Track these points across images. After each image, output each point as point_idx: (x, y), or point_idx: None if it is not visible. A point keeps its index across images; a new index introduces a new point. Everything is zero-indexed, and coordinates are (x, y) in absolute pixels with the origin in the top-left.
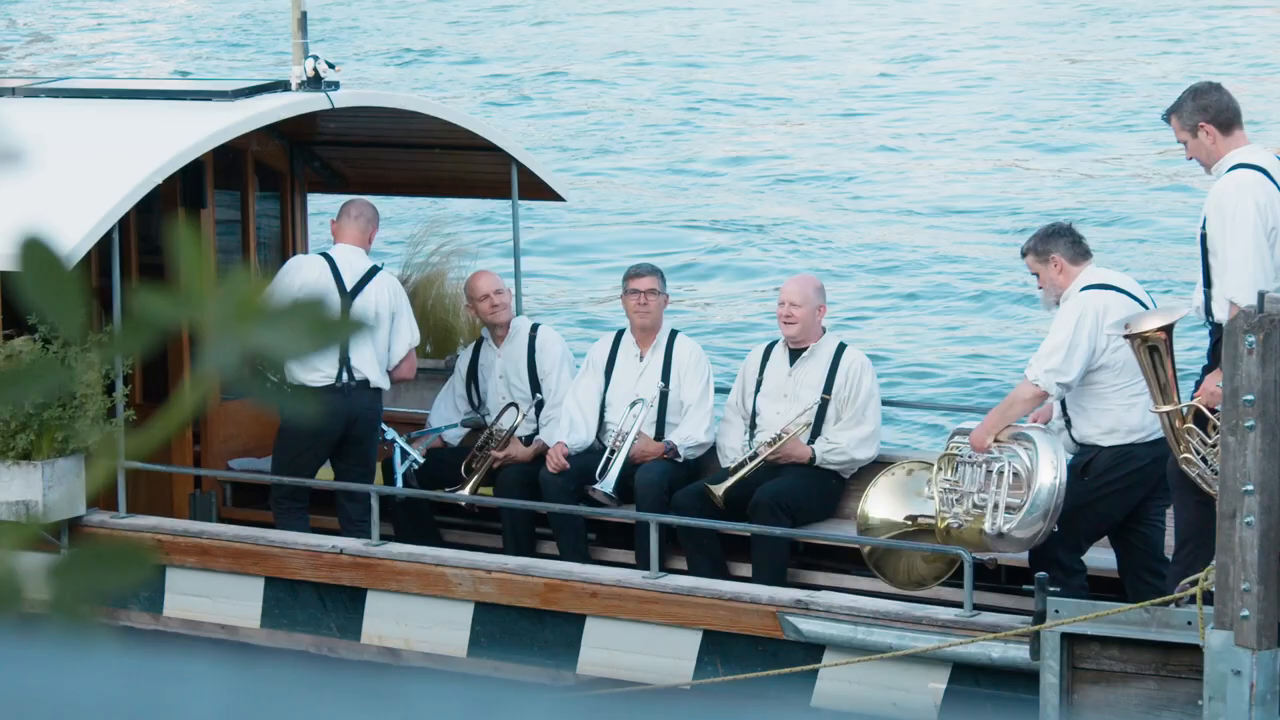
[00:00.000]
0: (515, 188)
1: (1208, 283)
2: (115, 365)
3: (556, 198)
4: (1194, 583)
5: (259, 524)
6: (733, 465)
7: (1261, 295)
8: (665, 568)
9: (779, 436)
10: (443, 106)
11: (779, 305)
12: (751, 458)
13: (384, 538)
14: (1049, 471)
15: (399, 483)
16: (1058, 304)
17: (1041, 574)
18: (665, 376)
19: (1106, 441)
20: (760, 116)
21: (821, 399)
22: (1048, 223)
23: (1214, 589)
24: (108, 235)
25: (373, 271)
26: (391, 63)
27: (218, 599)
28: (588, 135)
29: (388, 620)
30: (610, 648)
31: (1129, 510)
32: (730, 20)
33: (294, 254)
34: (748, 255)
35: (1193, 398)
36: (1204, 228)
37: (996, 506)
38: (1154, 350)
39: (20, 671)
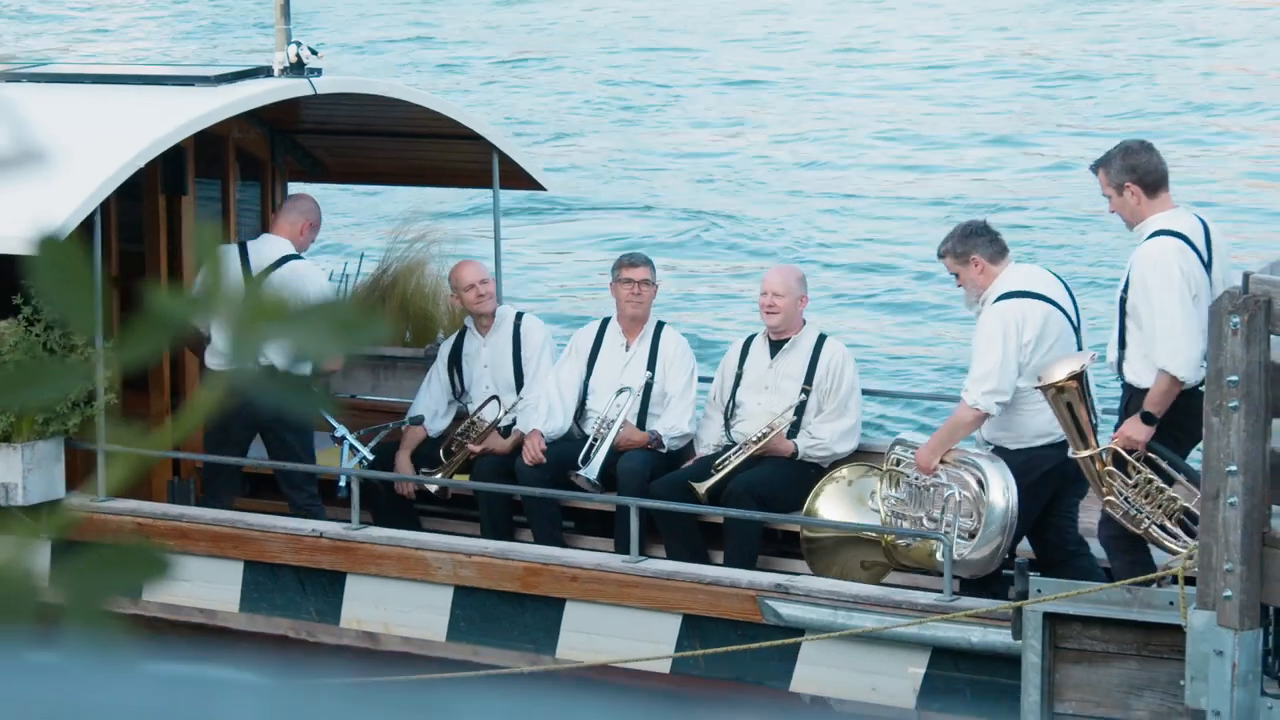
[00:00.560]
0: (496, 176)
1: (1122, 343)
2: (98, 348)
3: (538, 186)
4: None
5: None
6: (710, 453)
7: (1246, 276)
8: (646, 554)
9: (765, 433)
10: (425, 94)
11: (761, 295)
12: (729, 446)
13: (364, 522)
14: (1000, 494)
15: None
16: (980, 303)
17: (1021, 560)
18: (650, 367)
19: (1013, 445)
20: (718, 101)
21: (803, 391)
22: (963, 222)
23: (1196, 569)
24: (88, 221)
25: (282, 260)
26: (347, 52)
27: (197, 583)
28: (542, 121)
29: (367, 604)
30: (590, 632)
31: (1041, 508)
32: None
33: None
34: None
35: (1112, 440)
36: (1125, 290)
37: (950, 528)
38: (1067, 399)
39: (49, 682)
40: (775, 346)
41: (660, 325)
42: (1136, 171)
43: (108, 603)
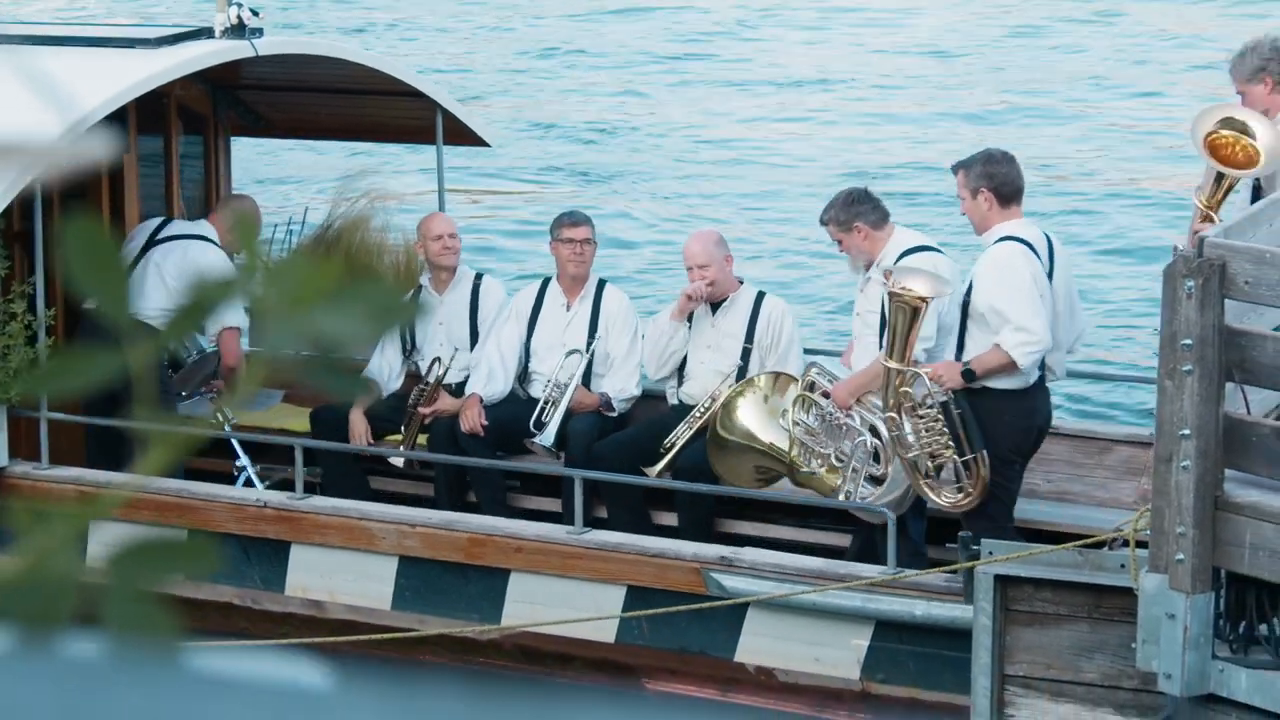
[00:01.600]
0: (440, 133)
1: (961, 347)
2: (39, 315)
3: (481, 143)
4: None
5: None
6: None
7: (1201, 240)
8: (590, 516)
9: (708, 406)
10: (367, 53)
11: (688, 270)
12: (676, 407)
13: (308, 488)
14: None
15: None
16: (867, 269)
17: (965, 533)
18: (593, 327)
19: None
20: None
21: (744, 351)
22: (844, 190)
23: (1148, 533)
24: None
25: (185, 237)
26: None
27: (145, 531)
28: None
29: (312, 573)
30: (535, 602)
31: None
32: None
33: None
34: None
35: (923, 367)
36: (967, 295)
37: (856, 471)
38: (910, 311)
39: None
40: (715, 306)
41: (602, 284)
42: (994, 180)
43: (152, 598)
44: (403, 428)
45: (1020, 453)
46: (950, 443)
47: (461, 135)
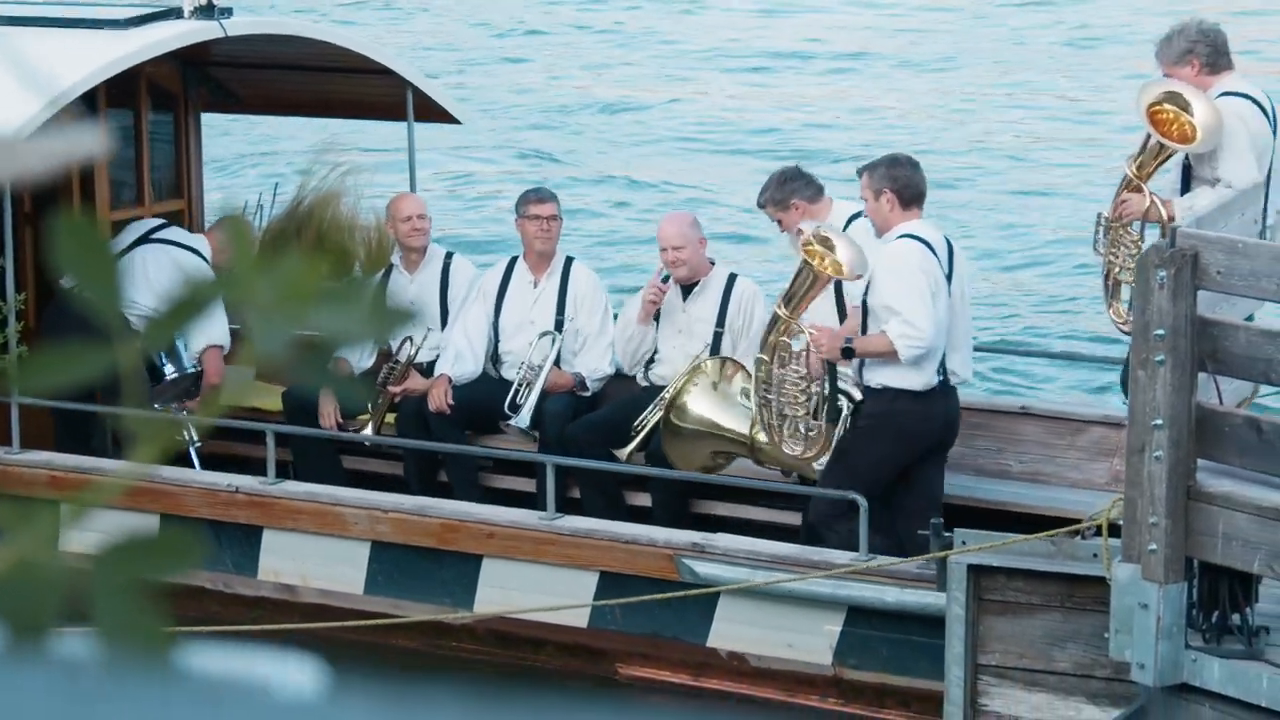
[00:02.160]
0: (410, 110)
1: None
2: (9, 300)
3: (452, 120)
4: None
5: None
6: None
7: (1174, 230)
8: (563, 496)
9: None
10: (337, 32)
11: (661, 252)
12: (646, 388)
13: (281, 467)
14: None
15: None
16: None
17: (937, 520)
18: (561, 304)
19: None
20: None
21: (715, 333)
22: (776, 171)
23: (1121, 522)
24: None
25: (171, 243)
26: None
27: (128, 527)
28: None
29: (284, 558)
30: (507, 588)
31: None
32: None
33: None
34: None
35: (808, 326)
36: (866, 293)
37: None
38: (814, 277)
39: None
40: (686, 290)
41: (569, 261)
42: (897, 183)
43: (142, 600)
44: (370, 405)
45: (910, 454)
46: (806, 404)
47: (432, 112)
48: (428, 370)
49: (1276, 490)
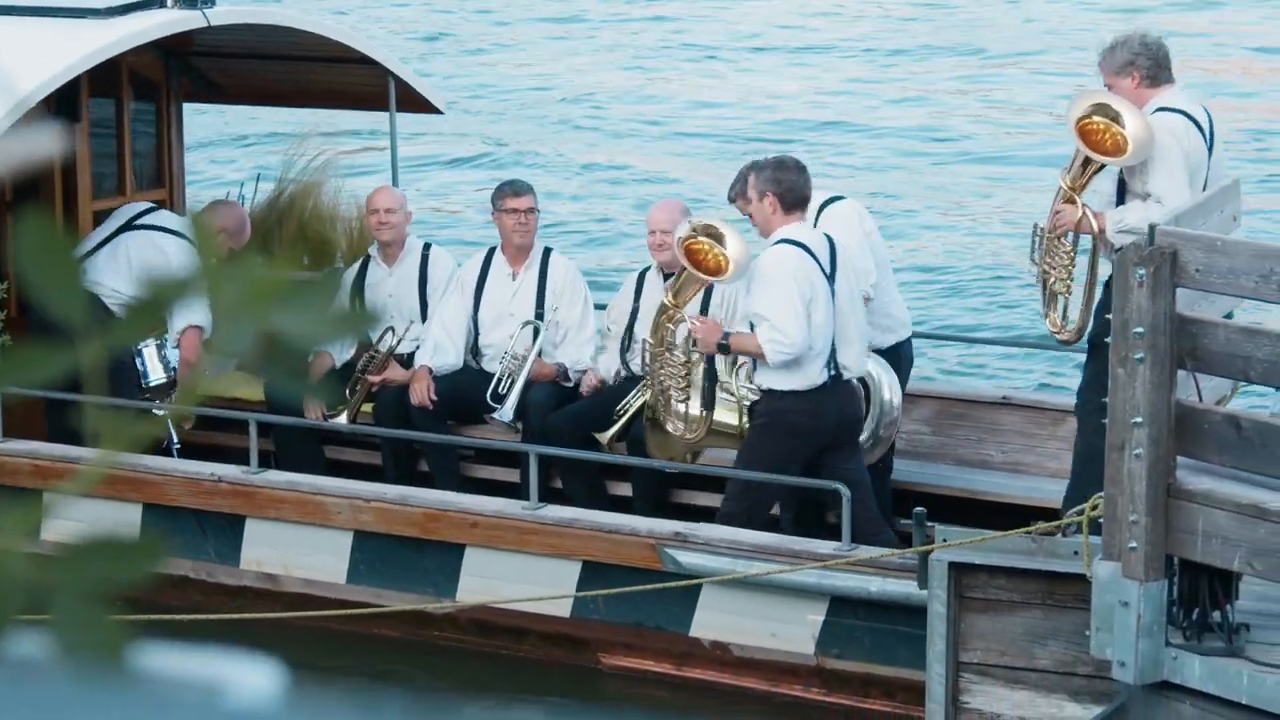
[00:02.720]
0: (393, 101)
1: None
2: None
3: (434, 110)
4: (1080, 513)
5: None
6: (611, 385)
7: (1152, 228)
8: (545, 486)
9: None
10: (319, 22)
11: (649, 235)
12: (628, 378)
13: (264, 456)
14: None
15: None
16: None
17: (919, 511)
18: (540, 296)
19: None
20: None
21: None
22: (745, 165)
23: (1101, 520)
24: None
25: (154, 228)
26: None
27: (95, 526)
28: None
29: (266, 547)
30: (490, 577)
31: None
32: None
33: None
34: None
35: (693, 318)
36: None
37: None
38: (698, 269)
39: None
40: (668, 278)
41: (548, 252)
42: (780, 185)
43: (101, 605)
44: (348, 392)
45: (808, 449)
46: (685, 388)
47: (414, 103)
48: (408, 362)
49: (1256, 487)
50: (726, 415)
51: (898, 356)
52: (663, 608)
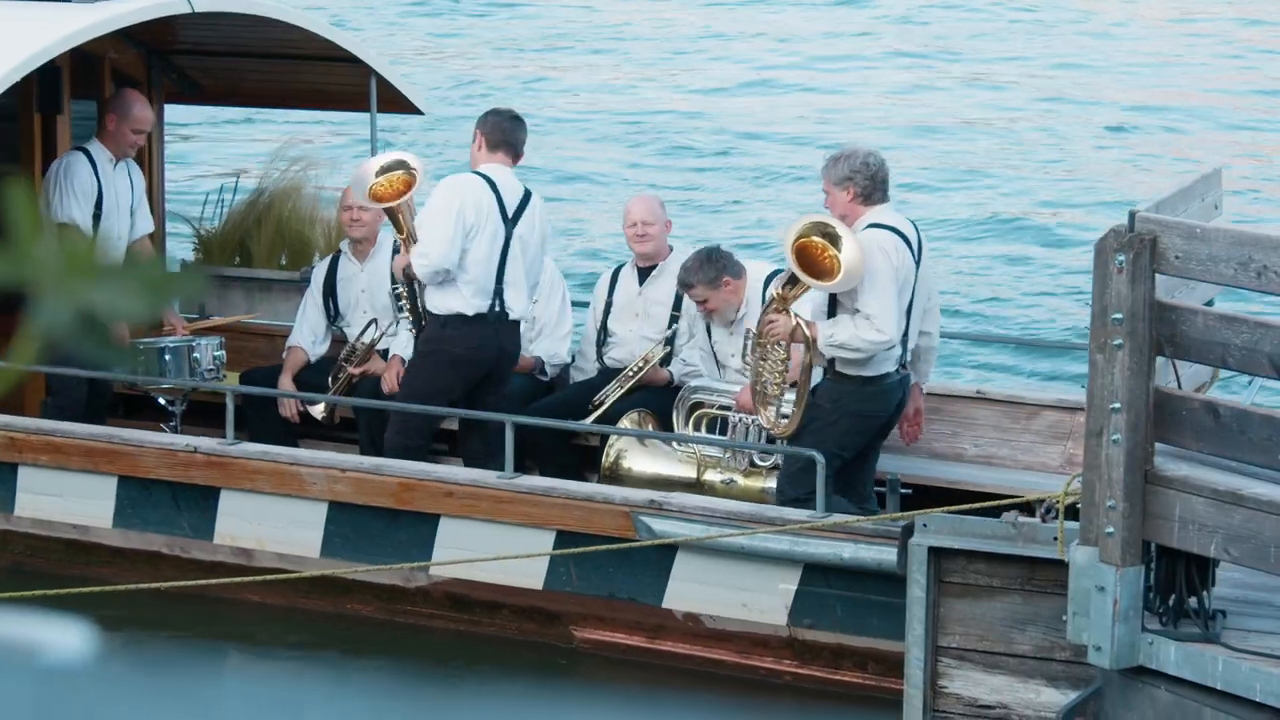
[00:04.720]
0: (374, 100)
1: None
2: None
3: (415, 111)
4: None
5: None
6: (585, 378)
7: (1132, 215)
8: (521, 466)
9: (640, 367)
10: (303, 15)
11: (629, 226)
12: (604, 370)
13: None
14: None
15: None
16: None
17: (893, 477)
18: None
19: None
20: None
21: (672, 318)
22: (694, 255)
23: (1079, 505)
24: None
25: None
26: None
27: (70, 498)
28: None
29: (241, 520)
30: (464, 547)
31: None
32: None
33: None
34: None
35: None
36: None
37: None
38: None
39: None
40: (643, 274)
41: None
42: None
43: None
44: (330, 379)
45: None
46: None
47: (395, 103)
48: (384, 354)
49: (1233, 474)
50: (686, 470)
51: None
52: (635, 579)
